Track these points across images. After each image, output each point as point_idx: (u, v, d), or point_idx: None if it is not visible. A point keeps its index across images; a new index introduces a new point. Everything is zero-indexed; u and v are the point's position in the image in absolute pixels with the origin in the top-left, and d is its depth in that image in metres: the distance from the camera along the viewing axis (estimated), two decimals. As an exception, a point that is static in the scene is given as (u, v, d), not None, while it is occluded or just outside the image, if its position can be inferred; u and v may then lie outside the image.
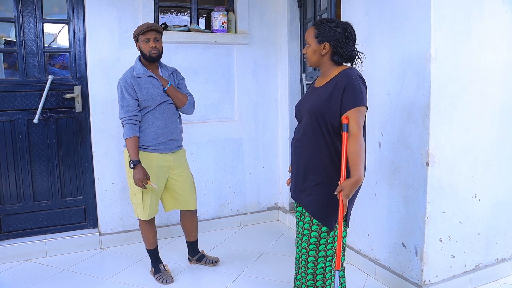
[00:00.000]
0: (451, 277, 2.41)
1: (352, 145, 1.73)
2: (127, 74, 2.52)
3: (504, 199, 2.57)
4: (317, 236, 1.89)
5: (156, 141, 2.53)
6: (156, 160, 2.55)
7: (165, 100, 2.55)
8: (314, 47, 1.89)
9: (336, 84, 1.83)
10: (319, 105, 1.85)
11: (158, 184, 2.55)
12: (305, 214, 1.93)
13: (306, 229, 1.92)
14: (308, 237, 1.91)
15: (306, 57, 1.95)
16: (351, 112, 1.78)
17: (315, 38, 1.88)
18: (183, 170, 2.68)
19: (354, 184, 1.69)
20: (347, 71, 1.87)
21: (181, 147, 2.72)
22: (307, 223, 1.92)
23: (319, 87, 1.95)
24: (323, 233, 1.88)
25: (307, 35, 1.92)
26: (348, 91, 1.80)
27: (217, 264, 2.88)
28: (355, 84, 1.80)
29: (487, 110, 2.41)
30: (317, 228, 1.89)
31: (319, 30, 1.87)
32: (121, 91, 2.48)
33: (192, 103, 2.65)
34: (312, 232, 1.90)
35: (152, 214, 2.62)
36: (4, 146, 3.02)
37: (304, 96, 2.07)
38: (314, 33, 1.87)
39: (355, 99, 1.79)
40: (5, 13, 2.99)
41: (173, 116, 2.60)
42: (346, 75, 1.83)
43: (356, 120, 1.77)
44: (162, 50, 2.55)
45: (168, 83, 2.56)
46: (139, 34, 2.49)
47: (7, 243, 3.03)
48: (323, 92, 1.88)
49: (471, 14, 2.27)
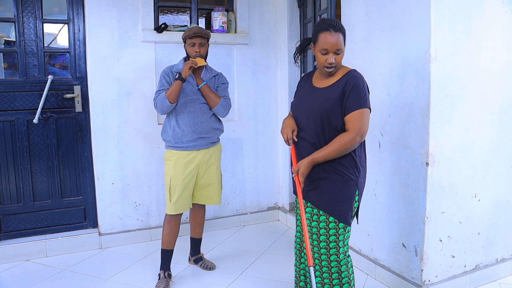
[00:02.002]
0: (451, 277, 2.42)
1: (341, 137, 1.81)
2: (168, 67, 2.68)
3: (504, 199, 2.57)
4: (336, 233, 1.90)
5: (185, 138, 2.58)
6: (185, 157, 2.59)
7: (196, 98, 2.59)
8: (343, 52, 1.87)
9: (345, 87, 1.83)
10: (329, 108, 1.84)
11: (186, 182, 2.60)
12: (318, 214, 1.92)
13: (323, 228, 1.91)
14: (326, 235, 1.91)
15: (335, 65, 1.86)
16: (354, 114, 1.81)
17: (343, 43, 1.86)
18: (211, 166, 2.70)
19: (308, 163, 1.84)
20: (354, 73, 1.87)
21: (215, 143, 2.73)
22: (322, 222, 1.91)
23: (322, 88, 1.92)
24: (341, 229, 1.90)
25: (338, 43, 1.82)
26: (353, 92, 1.81)
27: (212, 270, 2.86)
28: (360, 86, 1.82)
29: (487, 110, 2.41)
30: (334, 225, 1.89)
31: (344, 35, 1.86)
32: (160, 78, 2.65)
33: (224, 106, 2.66)
34: (331, 230, 1.89)
35: (178, 210, 2.62)
36: (4, 146, 3.02)
37: (302, 95, 2.03)
38: (343, 39, 1.84)
39: (359, 100, 1.80)
40: (5, 13, 2.99)
41: (204, 115, 2.62)
42: (354, 77, 1.84)
43: (356, 122, 1.80)
44: (206, 55, 2.65)
45: (203, 83, 2.61)
46: (186, 37, 2.59)
47: (7, 243, 3.03)
48: (330, 95, 1.87)
49: (471, 14, 2.27)
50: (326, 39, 1.82)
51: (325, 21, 1.87)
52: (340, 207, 1.88)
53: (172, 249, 2.69)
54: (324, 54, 1.84)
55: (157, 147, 3.33)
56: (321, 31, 1.84)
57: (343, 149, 1.81)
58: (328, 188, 1.89)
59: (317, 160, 1.84)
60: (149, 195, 3.38)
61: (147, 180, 3.36)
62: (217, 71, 2.77)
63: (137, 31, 3.23)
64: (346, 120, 1.83)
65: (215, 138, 2.73)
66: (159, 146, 3.32)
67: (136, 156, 3.31)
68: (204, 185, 2.72)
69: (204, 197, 2.76)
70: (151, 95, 3.20)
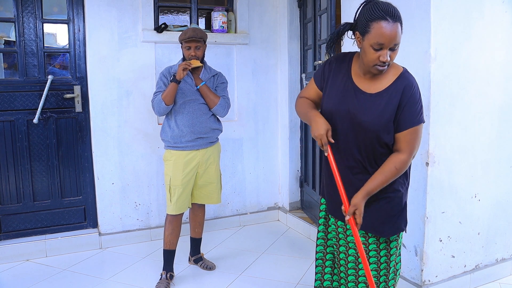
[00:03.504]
0: (451, 277, 2.42)
1: (395, 161, 1.54)
2: (166, 68, 2.69)
3: (504, 199, 2.57)
4: (387, 254, 1.67)
5: (184, 138, 2.58)
6: (184, 157, 2.60)
7: (195, 98, 2.60)
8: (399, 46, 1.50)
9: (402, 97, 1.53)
10: (383, 125, 1.54)
11: (186, 181, 2.60)
12: (366, 236, 1.65)
13: (373, 250, 1.65)
14: (377, 257, 1.65)
15: (389, 63, 1.50)
16: (409, 132, 1.54)
17: (401, 34, 1.48)
18: (210, 165, 2.71)
19: (363, 199, 1.55)
20: (410, 78, 1.56)
21: (214, 143, 2.74)
22: (372, 244, 1.65)
23: (371, 94, 1.57)
24: (393, 249, 1.67)
25: (397, 36, 1.45)
26: (410, 105, 1.52)
27: (212, 270, 2.86)
28: (417, 97, 1.53)
29: (486, 110, 2.41)
30: (385, 246, 1.66)
31: (401, 24, 1.48)
32: (158, 80, 2.67)
33: (223, 105, 2.67)
34: (382, 251, 1.66)
35: (178, 210, 2.62)
36: (4, 146, 3.02)
37: (342, 95, 1.62)
38: (401, 30, 1.47)
39: (416, 115, 1.53)
40: (5, 13, 2.99)
41: (203, 116, 2.63)
42: (411, 85, 1.54)
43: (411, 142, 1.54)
44: (203, 57, 2.65)
45: (201, 83, 2.62)
46: (182, 41, 2.60)
47: (7, 243, 3.02)
48: (384, 107, 1.54)
49: (471, 14, 2.27)
50: (382, 31, 1.43)
51: (378, 6, 1.45)
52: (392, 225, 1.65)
53: (174, 249, 2.69)
54: (378, 49, 1.46)
55: (157, 147, 3.33)
56: (375, 19, 1.44)
57: (398, 174, 1.56)
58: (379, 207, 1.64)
59: (372, 193, 1.55)
60: (149, 195, 3.38)
61: (147, 180, 3.36)
62: (216, 71, 2.77)
63: (137, 31, 3.23)
64: (399, 138, 1.55)
65: (214, 138, 2.73)
66: (159, 146, 3.32)
67: (136, 156, 3.31)
68: (203, 185, 2.72)
69: (204, 197, 2.77)
70: (151, 95, 3.19)
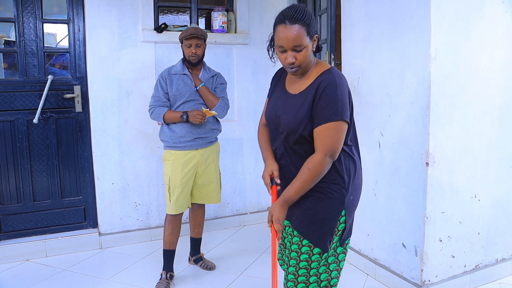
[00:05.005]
0: (451, 277, 2.42)
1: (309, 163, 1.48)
2: (166, 69, 2.69)
3: (504, 199, 2.57)
4: (308, 259, 1.58)
5: (182, 139, 2.60)
6: (183, 156, 2.61)
7: (194, 99, 2.62)
8: (309, 47, 1.50)
9: (315, 93, 1.50)
10: (297, 125, 1.52)
11: (185, 181, 2.61)
12: (292, 234, 1.63)
13: (294, 251, 1.60)
14: (296, 260, 1.60)
15: (298, 64, 1.50)
16: (322, 129, 1.47)
17: (307, 36, 1.48)
18: (209, 165, 2.72)
19: (282, 206, 1.51)
20: (328, 75, 1.51)
21: (213, 143, 2.75)
22: (295, 244, 1.60)
23: (294, 94, 1.59)
24: (315, 255, 1.58)
25: (295, 37, 1.45)
26: (323, 100, 1.47)
27: (212, 270, 2.86)
28: (332, 91, 1.47)
29: (486, 110, 2.41)
30: (307, 250, 1.58)
31: (307, 25, 1.47)
32: (156, 83, 2.68)
33: (222, 106, 2.68)
34: (302, 255, 1.58)
35: (178, 209, 2.63)
36: (4, 146, 3.02)
37: (275, 101, 1.68)
38: (305, 32, 1.46)
39: (329, 110, 1.46)
40: (5, 13, 2.99)
41: None
42: (326, 80, 1.49)
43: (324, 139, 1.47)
44: (203, 55, 2.66)
45: (201, 84, 2.63)
46: (183, 38, 2.60)
47: (7, 243, 3.03)
48: (300, 106, 1.53)
49: (471, 14, 2.27)
50: (280, 34, 1.47)
51: (283, 11, 1.50)
52: (318, 229, 1.56)
53: (174, 249, 2.69)
54: (282, 52, 1.51)
55: (157, 147, 3.33)
56: (276, 24, 1.50)
57: (315, 176, 1.49)
58: (308, 207, 1.58)
59: (290, 199, 1.51)
60: (149, 195, 3.38)
61: (147, 180, 3.36)
62: (216, 71, 2.78)
63: (137, 31, 3.23)
64: (314, 136, 1.50)
65: (213, 137, 2.74)
66: (159, 146, 3.31)
67: (136, 156, 3.31)
68: (202, 184, 2.72)
69: (203, 196, 2.77)
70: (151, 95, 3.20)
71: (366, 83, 2.66)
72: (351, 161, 1.60)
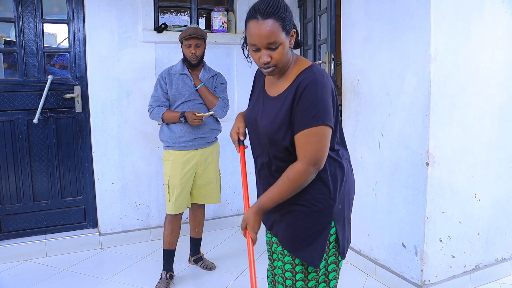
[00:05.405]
0: (451, 277, 2.42)
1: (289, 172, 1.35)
2: (166, 69, 2.70)
3: (504, 199, 2.57)
4: (304, 278, 1.45)
5: (182, 139, 2.60)
6: (183, 156, 2.61)
7: (194, 99, 2.62)
8: (286, 43, 1.34)
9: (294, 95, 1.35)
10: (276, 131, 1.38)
11: (184, 181, 2.62)
12: (283, 253, 1.50)
13: (288, 270, 1.48)
14: (292, 280, 1.47)
15: (274, 64, 1.36)
16: (303, 135, 1.32)
17: (283, 31, 1.32)
18: (209, 165, 2.72)
19: (256, 214, 1.41)
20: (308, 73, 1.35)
21: (212, 143, 2.75)
22: (287, 263, 1.48)
23: (272, 97, 1.45)
24: (311, 273, 1.46)
25: (269, 34, 1.30)
26: (302, 103, 1.32)
27: (212, 270, 2.86)
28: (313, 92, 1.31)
29: (486, 110, 2.41)
30: (302, 269, 1.45)
31: (282, 19, 1.32)
32: (156, 83, 2.68)
33: (222, 107, 2.68)
34: (297, 274, 1.46)
35: (178, 209, 2.63)
36: (4, 146, 3.02)
37: (254, 104, 1.55)
38: (280, 27, 1.31)
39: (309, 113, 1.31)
40: (5, 13, 2.99)
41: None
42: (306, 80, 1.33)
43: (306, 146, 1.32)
44: (202, 56, 2.66)
45: (200, 84, 2.63)
46: (182, 38, 2.60)
47: (7, 243, 3.02)
48: (278, 110, 1.38)
49: (471, 14, 2.27)
50: (251, 31, 1.32)
51: (254, 4, 1.34)
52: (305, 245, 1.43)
53: (174, 249, 2.69)
54: (256, 51, 1.36)
55: (157, 147, 3.33)
56: (248, 19, 1.35)
57: (294, 188, 1.35)
58: (293, 223, 1.45)
59: (265, 207, 1.41)
60: (149, 195, 3.38)
61: (147, 180, 3.36)
62: (216, 71, 2.78)
63: (137, 31, 3.23)
64: (296, 144, 1.35)
65: (213, 138, 2.75)
66: (159, 146, 3.31)
67: (136, 156, 3.31)
68: (202, 184, 2.73)
69: (203, 196, 2.77)
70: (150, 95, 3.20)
71: (366, 83, 2.66)
72: (337, 166, 1.44)
